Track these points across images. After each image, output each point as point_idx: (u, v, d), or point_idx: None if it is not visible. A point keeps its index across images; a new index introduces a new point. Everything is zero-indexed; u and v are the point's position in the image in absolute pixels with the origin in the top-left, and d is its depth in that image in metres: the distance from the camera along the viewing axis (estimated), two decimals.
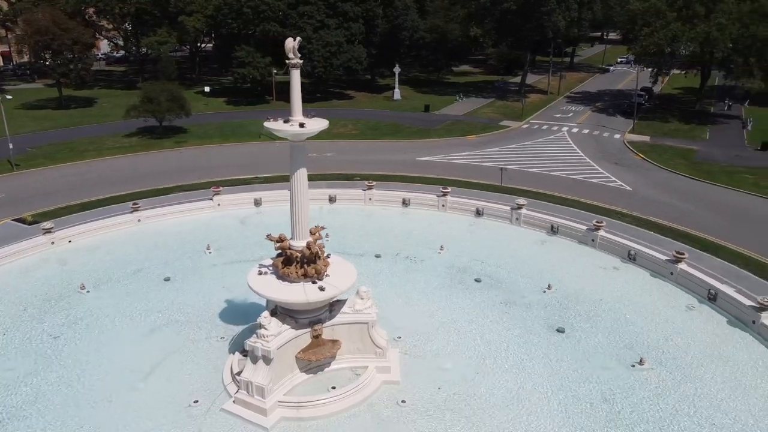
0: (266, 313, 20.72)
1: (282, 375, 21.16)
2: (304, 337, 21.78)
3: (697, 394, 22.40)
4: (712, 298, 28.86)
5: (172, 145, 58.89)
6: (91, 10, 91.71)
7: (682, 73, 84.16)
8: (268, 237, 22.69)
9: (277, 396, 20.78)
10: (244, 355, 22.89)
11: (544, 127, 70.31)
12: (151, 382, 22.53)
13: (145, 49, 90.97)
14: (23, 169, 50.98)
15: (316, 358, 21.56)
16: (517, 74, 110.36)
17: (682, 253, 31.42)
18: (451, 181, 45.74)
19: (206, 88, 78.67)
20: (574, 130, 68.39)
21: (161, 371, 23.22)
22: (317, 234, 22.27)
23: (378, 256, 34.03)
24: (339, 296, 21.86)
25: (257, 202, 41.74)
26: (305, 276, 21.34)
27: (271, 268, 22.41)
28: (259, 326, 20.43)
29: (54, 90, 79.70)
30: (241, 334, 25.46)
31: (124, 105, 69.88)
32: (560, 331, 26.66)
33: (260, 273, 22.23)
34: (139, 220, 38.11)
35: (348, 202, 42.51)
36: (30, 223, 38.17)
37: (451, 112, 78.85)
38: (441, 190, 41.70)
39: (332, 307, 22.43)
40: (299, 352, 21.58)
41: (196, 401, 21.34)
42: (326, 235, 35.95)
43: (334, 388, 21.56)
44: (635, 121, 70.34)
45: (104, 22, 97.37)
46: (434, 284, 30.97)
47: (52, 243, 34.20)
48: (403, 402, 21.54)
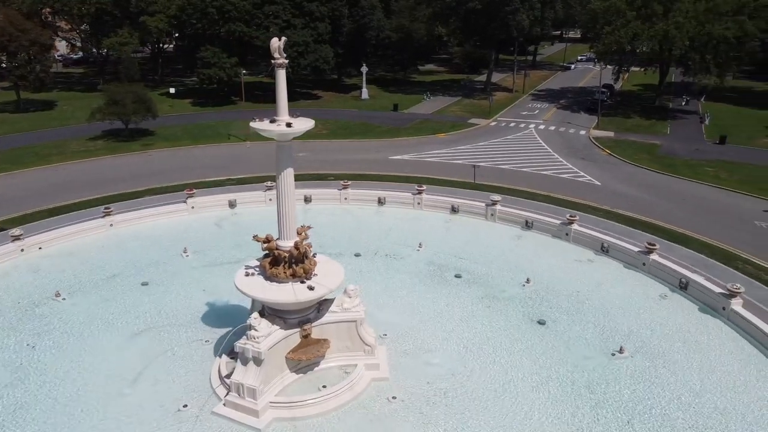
0: (256, 314, 20.63)
1: (273, 376, 21.09)
2: (294, 337, 21.75)
3: (675, 379, 23.19)
4: (684, 286, 29.91)
5: (140, 147, 57.74)
6: (47, 11, 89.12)
7: (642, 70, 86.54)
8: (255, 238, 22.57)
9: (269, 397, 20.71)
10: (232, 358, 22.80)
11: (512, 125, 71.49)
12: (138, 387, 22.13)
13: (106, 51, 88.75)
14: None
15: (306, 357, 21.56)
16: (482, 73, 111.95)
17: (654, 244, 32.48)
18: (424, 179, 46.13)
19: (171, 90, 77.38)
20: (541, 127, 69.77)
21: (147, 377, 22.82)
22: (304, 234, 22.27)
23: (358, 255, 34.11)
24: (327, 295, 21.88)
25: (232, 204, 41.31)
26: (294, 276, 21.31)
27: (258, 269, 22.30)
28: (249, 327, 20.31)
29: (11, 93, 77.14)
30: (225, 337, 25.24)
31: (86, 108, 68.32)
32: (541, 323, 27.25)
33: (247, 274, 22.09)
34: (112, 225, 37.26)
35: (323, 201, 42.44)
36: None
37: (419, 110, 79.43)
38: (416, 188, 42.01)
39: (320, 307, 22.46)
40: (289, 353, 21.54)
41: (185, 405, 21.06)
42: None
43: (324, 386, 21.59)
44: (599, 118, 72.16)
45: (62, 23, 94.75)
46: (415, 281, 31.25)
47: (22, 250, 33.16)
48: (394, 398, 21.71)
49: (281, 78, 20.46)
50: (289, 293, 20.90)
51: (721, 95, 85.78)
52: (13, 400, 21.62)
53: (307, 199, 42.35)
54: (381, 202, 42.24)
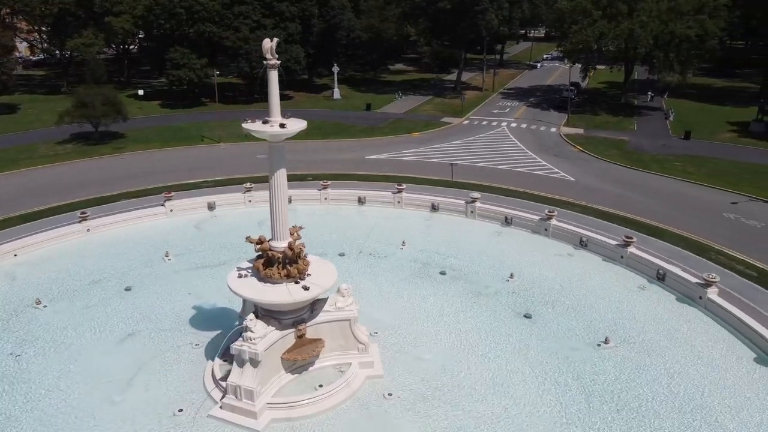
0: (252, 316, 20.57)
1: (269, 377, 21.08)
2: (289, 337, 21.76)
3: (657, 366, 24.01)
4: (661, 277, 30.91)
5: (111, 151, 56.52)
6: (5, 11, 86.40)
7: (608, 68, 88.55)
8: (248, 239, 22.50)
9: (266, 398, 20.70)
10: (225, 360, 22.71)
11: (484, 123, 72.40)
12: (130, 393, 21.84)
13: (70, 52, 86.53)
14: None
15: (302, 357, 21.60)
16: (451, 72, 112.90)
17: (631, 238, 33.46)
18: (402, 178, 46.32)
19: (140, 91, 75.91)
20: (513, 125, 70.82)
21: (138, 382, 22.53)
22: (296, 234, 22.31)
23: (342, 255, 34.18)
24: (322, 294, 21.96)
25: (211, 206, 40.95)
26: (288, 276, 21.32)
27: (251, 271, 22.22)
28: (246, 329, 20.25)
29: None
30: (216, 340, 25.13)
31: (51, 111, 66.62)
32: (527, 317, 27.83)
33: (240, 276, 21.98)
34: (89, 230, 36.54)
35: (303, 202, 42.37)
36: None
37: (392, 110, 79.73)
38: (396, 187, 42.29)
39: (314, 306, 22.52)
40: (284, 353, 21.55)
41: (180, 410, 20.88)
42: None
43: (321, 386, 21.67)
44: (569, 115, 73.66)
45: (21, 24, 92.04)
46: (401, 279, 31.54)
47: None
48: (390, 395, 21.92)
49: (273, 79, 20.55)
50: (285, 294, 20.91)
51: (682, 92, 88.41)
52: (2, 412, 21.07)
53: (288, 200, 42.11)
54: (361, 201, 42.40)
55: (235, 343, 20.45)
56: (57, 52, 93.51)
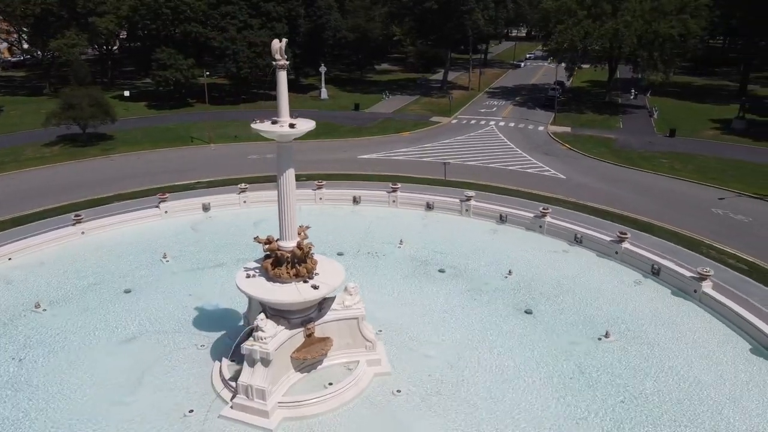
0: (262, 315, 20.63)
1: (279, 376, 21.17)
2: (298, 336, 21.87)
3: (658, 359, 24.55)
4: (656, 272, 31.52)
5: (100, 152, 55.93)
6: None
7: (592, 67, 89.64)
8: (256, 239, 22.56)
9: (277, 397, 20.78)
10: (233, 361, 22.76)
11: (473, 122, 72.93)
12: (138, 395, 21.77)
13: (53, 53, 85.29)
14: None
15: (311, 356, 21.73)
16: (436, 71, 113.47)
17: (625, 233, 34.04)
18: (395, 177, 46.57)
19: (125, 92, 75.14)
20: (501, 124, 71.45)
21: (146, 384, 22.47)
22: (303, 233, 22.42)
23: (340, 254, 34.23)
24: (330, 293, 22.10)
25: (206, 207, 40.78)
26: (297, 276, 21.42)
27: (259, 271, 22.28)
28: (256, 328, 20.31)
29: None
30: (221, 341, 25.17)
31: (34, 112, 65.84)
32: (528, 312, 28.23)
33: (248, 276, 22.02)
34: (83, 233, 36.20)
35: (299, 202, 41.45)
36: None
37: (380, 110, 79.95)
38: (390, 186, 42.50)
39: (321, 305, 22.64)
40: (294, 352, 21.65)
41: (191, 411, 20.90)
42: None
43: (331, 384, 21.81)
44: (555, 114, 74.51)
45: (2, 24, 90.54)
46: (401, 277, 31.75)
47: None
48: (398, 392, 22.14)
49: (282, 79, 20.61)
50: (295, 293, 21.01)
51: (664, 90, 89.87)
52: (5, 417, 20.89)
53: None
54: (356, 201, 42.53)
55: (246, 343, 20.50)
56: (38, 53, 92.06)
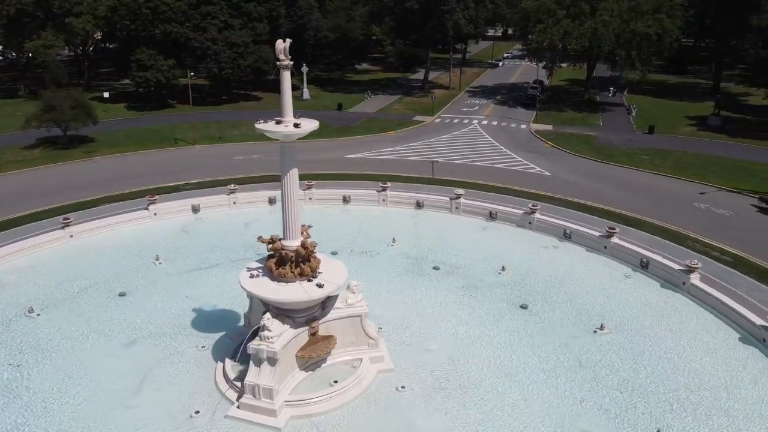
0: (268, 315, 20.67)
1: (285, 375, 21.25)
2: (302, 335, 21.96)
3: (652, 349, 25.21)
4: (645, 266, 32.27)
5: (82, 155, 55.07)
6: None
7: (571, 66, 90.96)
8: (260, 239, 22.59)
9: (283, 396, 20.86)
10: (237, 361, 22.77)
11: (456, 121, 73.52)
12: (142, 398, 21.64)
13: (28, 54, 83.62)
14: None
15: (316, 354, 21.85)
16: (416, 71, 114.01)
17: (614, 228, 34.78)
18: (383, 177, 46.78)
19: (105, 94, 74.03)
20: (484, 123, 72.16)
21: (149, 387, 22.34)
22: (306, 233, 22.52)
23: (334, 253, 34.16)
24: (334, 291, 22.24)
25: (195, 209, 40.48)
26: (302, 275, 21.51)
27: (262, 270, 22.31)
28: (263, 328, 20.36)
29: None
30: (222, 342, 25.13)
31: (9, 115, 64.55)
32: (524, 307, 28.69)
33: (252, 276, 22.05)
34: (72, 236, 35.65)
35: None
36: None
37: (363, 109, 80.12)
38: (380, 185, 42.69)
39: (325, 304, 22.75)
40: (299, 351, 21.74)
41: (197, 412, 20.86)
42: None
43: (336, 382, 21.96)
44: (537, 112, 75.50)
45: None
46: (396, 275, 32.02)
47: None
48: (403, 387, 22.39)
49: (286, 79, 20.65)
50: (301, 292, 21.11)
51: (641, 88, 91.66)
52: (6, 424, 20.60)
53: (272, 201, 42.13)
54: (346, 200, 42.64)
55: (252, 343, 20.53)
56: (13, 54, 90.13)
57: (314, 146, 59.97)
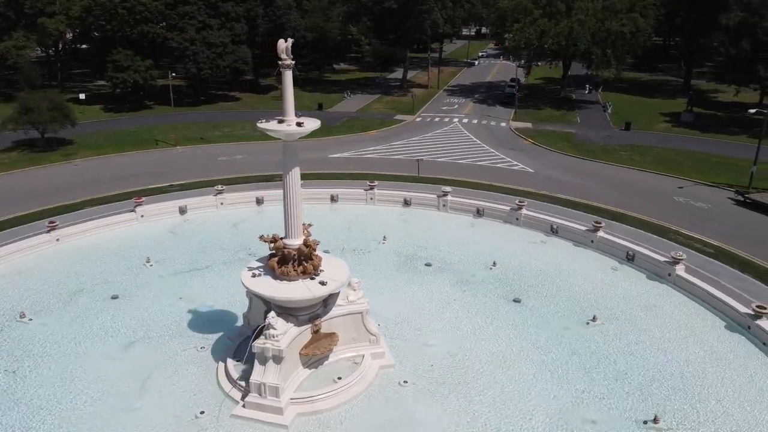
0: (273, 314, 20.75)
1: (290, 373, 21.36)
2: (305, 333, 22.09)
3: (643, 339, 25.97)
4: (631, 258, 33.12)
5: (61, 158, 54.12)
6: None
7: (547, 64, 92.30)
8: (262, 238, 22.62)
9: (288, 394, 20.97)
10: (238, 360, 22.83)
11: (436, 119, 74.12)
12: (146, 400, 21.52)
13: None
14: None
15: (320, 351, 22.01)
16: (393, 70, 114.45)
17: (600, 223, 35.59)
18: (369, 175, 46.99)
19: (81, 95, 72.72)
20: (464, 121, 72.91)
21: (151, 389, 22.22)
22: (306, 231, 22.66)
23: (326, 252, 34.16)
24: (337, 289, 22.42)
25: (182, 210, 40.16)
26: (304, 273, 21.64)
27: (264, 269, 22.36)
28: (268, 326, 20.44)
29: None
30: (220, 342, 25.12)
31: None
32: (517, 301, 29.23)
33: (254, 275, 22.09)
34: (58, 239, 35.09)
35: (276, 203, 41.18)
36: None
37: (343, 109, 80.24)
38: (368, 183, 42.92)
39: (326, 301, 22.90)
40: (302, 348, 21.86)
41: (202, 412, 20.85)
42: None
43: (339, 378, 22.14)
44: (516, 110, 76.53)
45: None
46: (390, 272, 32.28)
47: None
48: (405, 382, 22.67)
49: (288, 79, 20.73)
50: (304, 290, 21.24)
51: (615, 86, 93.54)
52: (9, 430, 20.32)
53: (260, 201, 42.09)
54: (334, 199, 42.75)
55: (257, 341, 20.59)
56: None
57: (298, 146, 59.93)
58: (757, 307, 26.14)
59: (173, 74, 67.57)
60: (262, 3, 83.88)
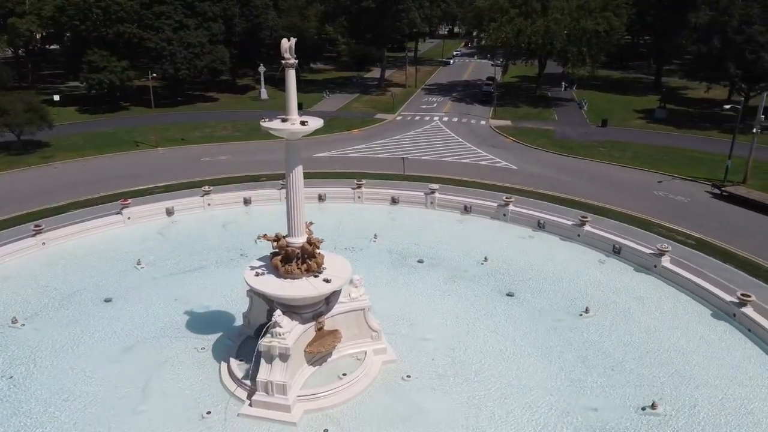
0: (279, 312, 20.83)
1: (296, 370, 21.48)
2: (309, 331, 22.23)
3: (634, 328, 26.71)
4: (617, 251, 33.97)
5: (39, 160, 53.02)
6: None
7: (523, 63, 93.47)
8: (264, 237, 22.67)
9: (295, 391, 21.10)
10: (241, 360, 22.86)
11: (417, 118, 74.58)
12: (151, 402, 21.42)
13: None
14: None
15: (325, 348, 22.17)
16: (369, 70, 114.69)
17: (586, 217, 36.43)
18: (355, 174, 47.19)
19: (55, 97, 71.18)
20: (445, 119, 73.53)
21: (155, 391, 22.10)
22: (309, 229, 22.79)
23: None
24: (341, 286, 22.61)
25: (170, 212, 39.84)
26: (308, 271, 21.79)
27: (266, 268, 22.42)
28: (274, 325, 20.54)
29: None
30: (220, 342, 25.11)
31: None
32: (510, 295, 29.79)
33: (257, 274, 22.13)
34: (44, 243, 34.55)
35: (264, 202, 42.25)
36: None
37: (323, 108, 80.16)
38: (355, 182, 43.13)
39: (329, 299, 23.07)
40: (307, 346, 22.00)
41: (208, 412, 20.84)
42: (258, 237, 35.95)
43: (344, 375, 22.34)
44: (494, 108, 77.45)
45: None
46: (383, 269, 32.51)
47: None
48: (408, 377, 22.98)
49: (291, 78, 20.84)
50: (309, 288, 21.39)
51: (589, 84, 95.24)
52: None
53: (247, 201, 41.98)
54: (321, 198, 42.84)
55: (264, 340, 20.67)
56: None
57: (279, 146, 59.30)
58: (742, 295, 27.12)
59: (153, 74, 66.65)
60: (239, 2, 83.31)
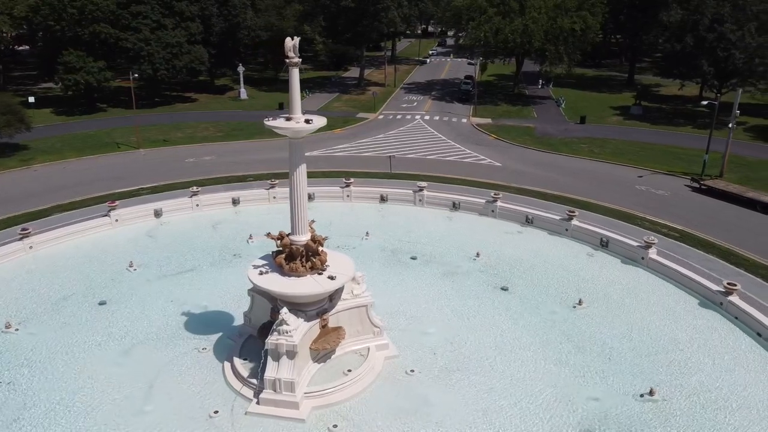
0: (286, 310, 20.93)
1: (302, 367, 21.61)
2: (314, 328, 22.37)
3: (627, 319, 27.41)
4: (605, 244, 34.78)
5: (18, 163, 51.99)
6: None
7: (501, 61, 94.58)
8: (268, 235, 22.74)
9: (302, 388, 21.23)
10: (245, 359, 22.91)
11: (398, 117, 74.98)
12: (157, 403, 21.32)
13: None
14: None
15: (329, 345, 22.32)
16: (347, 69, 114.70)
17: (573, 212, 37.16)
18: (342, 173, 47.45)
19: (30, 99, 69.64)
20: (426, 118, 74.07)
21: (159, 392, 21.99)
22: (310, 227, 22.93)
23: None
24: (345, 283, 22.79)
25: (158, 213, 39.42)
26: (313, 268, 21.92)
27: (270, 266, 22.48)
28: (281, 322, 20.64)
29: None
30: (221, 341, 25.08)
31: None
32: (504, 289, 30.27)
33: (261, 273, 22.18)
34: (31, 247, 33.93)
35: (253, 202, 42.16)
36: None
37: (304, 107, 78.81)
38: (344, 181, 43.28)
39: (332, 296, 23.22)
40: (312, 343, 22.14)
41: (216, 412, 20.85)
42: (249, 237, 35.86)
43: (350, 371, 22.54)
44: (475, 107, 78.26)
45: None
46: (378, 267, 32.60)
47: None
48: (412, 371, 23.28)
49: (295, 76, 20.97)
50: (315, 285, 21.53)
51: (564, 82, 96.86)
52: None
53: (236, 201, 41.80)
54: (311, 197, 42.47)
55: (270, 338, 20.75)
56: None
57: (263, 146, 59.67)
58: (728, 284, 28.07)
59: (135, 75, 65.73)
60: (217, 2, 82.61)
